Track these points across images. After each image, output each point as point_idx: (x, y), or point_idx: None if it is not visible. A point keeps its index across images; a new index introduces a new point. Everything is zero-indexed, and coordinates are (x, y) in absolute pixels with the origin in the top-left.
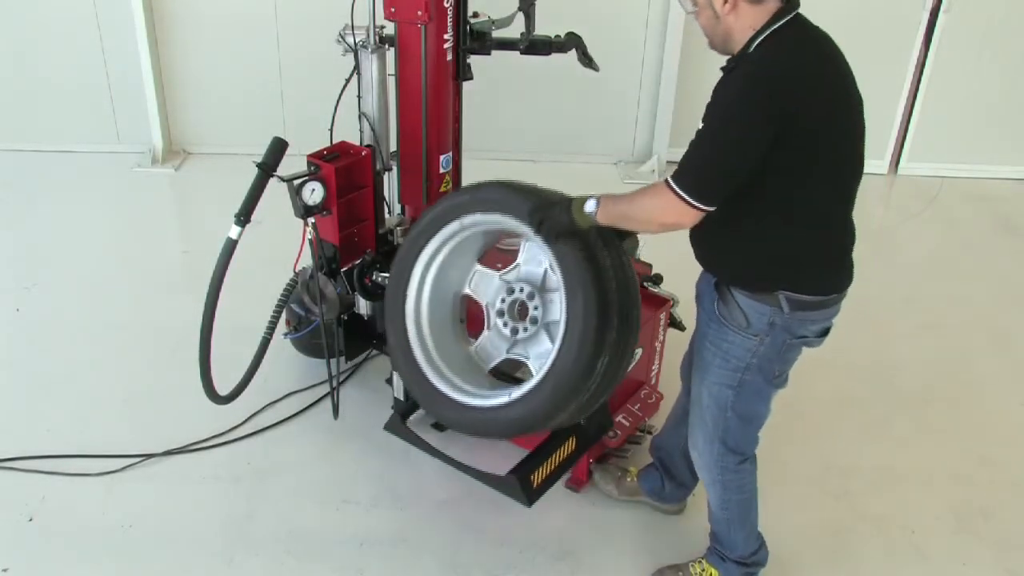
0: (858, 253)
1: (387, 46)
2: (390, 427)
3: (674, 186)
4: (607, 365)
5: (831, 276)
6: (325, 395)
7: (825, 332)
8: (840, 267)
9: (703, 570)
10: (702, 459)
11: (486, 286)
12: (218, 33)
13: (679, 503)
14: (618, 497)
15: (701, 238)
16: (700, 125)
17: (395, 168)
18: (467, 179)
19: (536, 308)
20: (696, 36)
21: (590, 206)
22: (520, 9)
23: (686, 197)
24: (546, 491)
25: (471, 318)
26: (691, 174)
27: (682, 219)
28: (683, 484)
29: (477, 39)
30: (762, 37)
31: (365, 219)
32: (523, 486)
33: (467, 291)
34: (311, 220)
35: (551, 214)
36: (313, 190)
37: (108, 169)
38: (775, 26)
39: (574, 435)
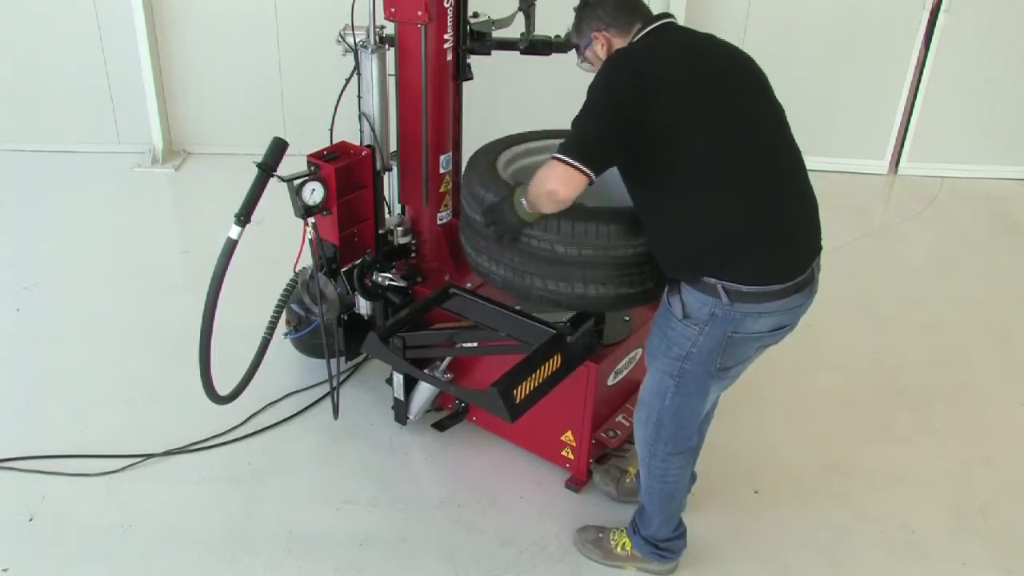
0: (858, 253)
1: (387, 46)
2: (368, 348)
3: (558, 155)
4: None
5: (764, 265)
6: (325, 395)
7: (780, 328)
8: (775, 256)
9: (620, 538)
10: (638, 436)
11: None
12: (218, 33)
13: None
14: (617, 498)
15: (651, 242)
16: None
17: (395, 168)
18: None
19: None
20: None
21: (524, 202)
22: (520, 9)
23: (567, 159)
24: (529, 407)
25: None
26: (572, 141)
27: (562, 186)
28: None
29: (477, 39)
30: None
31: (365, 219)
32: (505, 400)
33: None
34: (311, 220)
35: (501, 215)
36: (313, 190)
37: (108, 169)
38: (637, 37)
39: (560, 352)
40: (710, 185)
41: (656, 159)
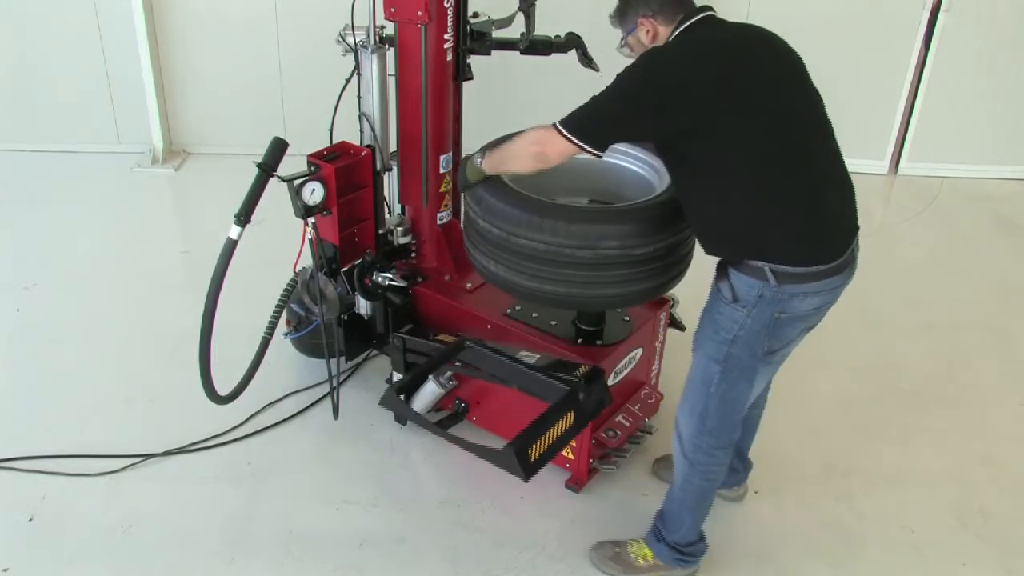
0: (858, 252)
1: (387, 46)
2: (385, 402)
3: (561, 126)
4: None
5: (808, 246)
6: (325, 395)
7: (823, 307)
8: (819, 238)
9: (639, 549)
10: (681, 432)
11: None
12: (218, 33)
13: (735, 488)
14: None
15: (690, 219)
16: None
17: (395, 168)
18: None
19: None
20: None
21: (476, 159)
22: (520, 9)
23: (563, 131)
24: (543, 465)
25: None
26: (579, 119)
27: (548, 148)
28: (733, 469)
29: (477, 39)
30: (669, 39)
31: (365, 219)
32: (520, 460)
33: None
34: (311, 220)
35: (460, 174)
36: (313, 190)
37: (108, 169)
38: (680, 29)
39: (573, 409)
40: (747, 177)
41: (691, 154)
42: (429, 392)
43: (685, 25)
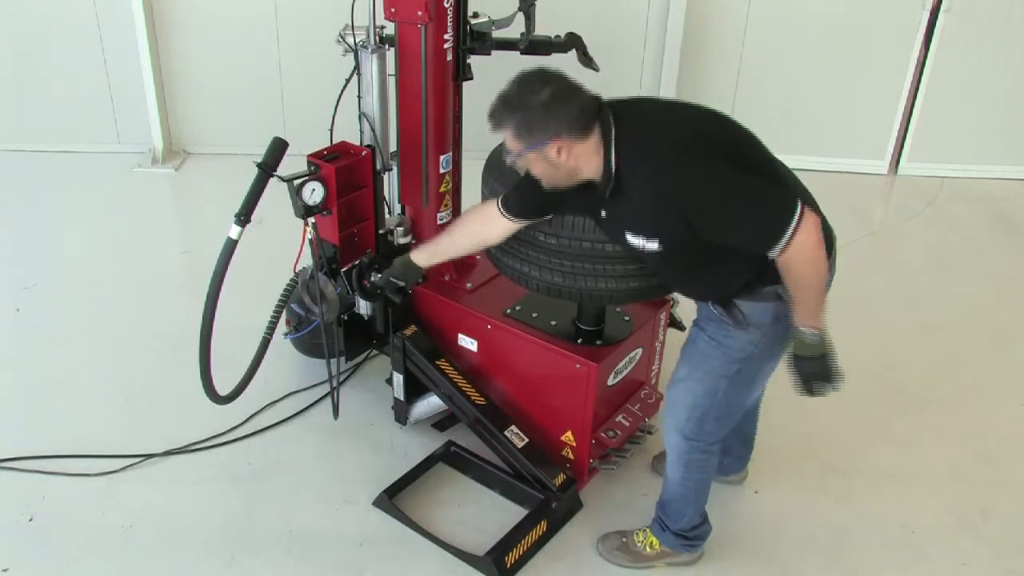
0: (858, 253)
1: (387, 46)
2: (379, 504)
3: (796, 224)
4: None
5: None
6: (325, 395)
7: None
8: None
9: (645, 538)
10: (676, 436)
11: None
12: (218, 33)
13: (739, 473)
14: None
15: (688, 288)
16: (703, 219)
17: (395, 168)
18: (467, 179)
19: None
20: (695, 37)
21: (814, 337)
22: (520, 9)
23: (805, 214)
24: (519, 570)
25: None
26: (778, 213)
27: (819, 232)
28: (739, 456)
29: (477, 39)
30: (615, 145)
31: (365, 219)
32: (498, 566)
33: None
34: (311, 220)
35: (812, 369)
36: (313, 190)
37: (108, 169)
38: (615, 129)
39: (546, 518)
40: None
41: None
42: (435, 403)
43: (620, 119)
